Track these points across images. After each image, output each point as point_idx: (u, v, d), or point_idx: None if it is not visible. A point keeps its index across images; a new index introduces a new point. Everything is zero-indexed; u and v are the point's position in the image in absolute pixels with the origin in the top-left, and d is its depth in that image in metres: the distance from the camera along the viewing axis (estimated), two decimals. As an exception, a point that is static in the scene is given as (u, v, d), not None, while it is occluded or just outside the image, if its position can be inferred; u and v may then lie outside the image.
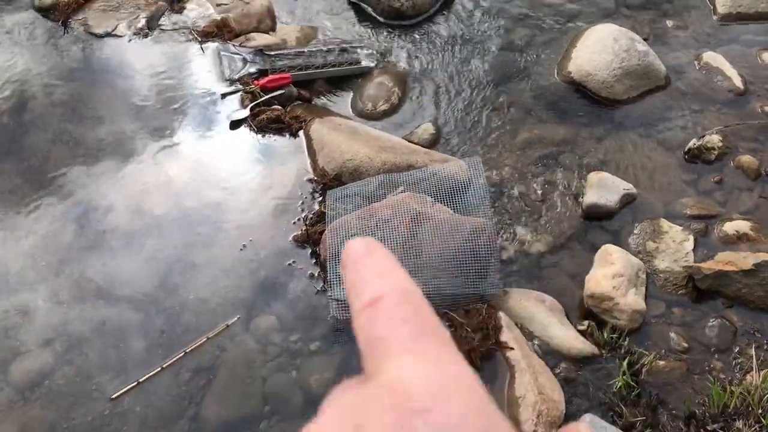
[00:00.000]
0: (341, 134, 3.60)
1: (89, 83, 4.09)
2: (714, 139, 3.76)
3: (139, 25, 4.31)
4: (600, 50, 4.13)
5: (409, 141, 3.84)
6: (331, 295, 3.05)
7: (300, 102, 4.05)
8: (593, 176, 3.61)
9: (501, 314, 2.98)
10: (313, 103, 4.09)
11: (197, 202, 3.51)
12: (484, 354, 2.85)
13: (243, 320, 3.11)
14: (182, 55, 4.22)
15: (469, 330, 2.88)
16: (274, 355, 3.06)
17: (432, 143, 3.87)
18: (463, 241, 3.04)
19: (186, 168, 3.66)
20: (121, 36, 4.30)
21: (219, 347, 3.04)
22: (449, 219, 3.12)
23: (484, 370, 2.85)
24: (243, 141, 3.78)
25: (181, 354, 2.95)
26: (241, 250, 3.31)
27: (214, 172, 3.66)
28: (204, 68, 4.15)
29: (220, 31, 4.30)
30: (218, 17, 4.38)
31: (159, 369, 2.91)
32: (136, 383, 2.87)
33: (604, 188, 3.54)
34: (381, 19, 4.64)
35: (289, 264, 3.26)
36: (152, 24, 4.35)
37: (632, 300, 3.06)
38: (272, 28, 4.53)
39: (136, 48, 4.26)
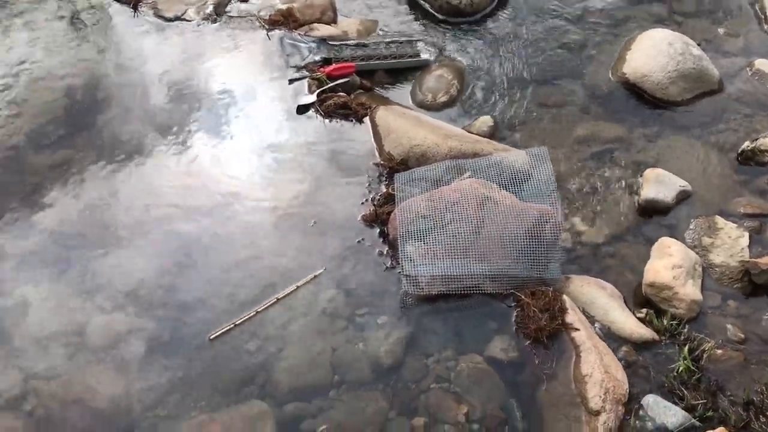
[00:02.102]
0: (407, 121, 3.73)
1: (160, 65, 4.24)
2: (767, 142, 3.85)
3: (207, 11, 4.46)
4: (655, 53, 4.23)
5: (468, 132, 3.95)
6: (401, 271, 3.16)
7: (362, 90, 4.18)
8: (650, 172, 3.71)
9: (565, 297, 3.08)
10: (374, 92, 4.21)
11: (264, 182, 3.64)
12: (550, 333, 2.95)
13: (312, 292, 3.22)
14: (249, 42, 4.38)
15: (536, 310, 2.98)
16: (342, 328, 3.16)
17: (490, 135, 3.98)
18: (529, 226, 3.15)
19: (255, 150, 3.80)
20: (189, 20, 4.46)
21: (289, 316, 3.14)
22: (516, 205, 3.23)
23: (550, 349, 2.95)
24: (310, 124, 3.91)
25: (273, 300, 3.15)
26: (312, 226, 3.43)
27: (282, 154, 3.79)
28: (270, 55, 4.30)
29: (285, 20, 4.46)
30: (283, 7, 4.52)
31: (253, 313, 3.10)
32: (232, 325, 3.06)
33: (660, 184, 3.64)
34: (439, 16, 4.77)
35: (358, 241, 3.38)
36: (219, 10, 4.50)
37: (690, 290, 3.16)
38: (334, 20, 4.67)
39: (205, 33, 4.41)
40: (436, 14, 4.78)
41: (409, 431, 2.85)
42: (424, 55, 4.40)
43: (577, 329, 2.96)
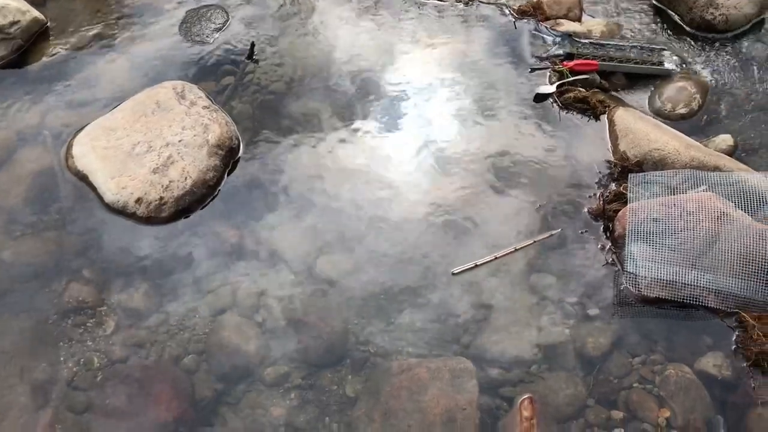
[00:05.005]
0: (647, 125, 3.75)
1: (402, 41, 4.53)
2: None
3: (460, -6, 4.69)
4: None
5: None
6: (622, 269, 3.21)
7: (598, 90, 4.21)
8: None
9: (793, 328, 2.98)
10: (610, 92, 4.24)
11: (495, 159, 3.82)
12: (773, 360, 2.88)
13: (528, 271, 3.35)
14: (496, 27, 4.57)
15: (761, 334, 2.91)
16: (550, 311, 3.26)
17: (728, 155, 3.87)
18: (766, 249, 3.06)
19: (488, 127, 3.99)
20: (443, 1, 4.72)
21: (501, 286, 3.29)
22: (753, 226, 3.15)
23: (772, 375, 2.89)
24: (545, 113, 4.04)
25: (512, 250, 3.41)
26: (537, 208, 3.56)
27: (512, 137, 3.94)
28: (515, 42, 4.46)
29: (533, 12, 4.58)
30: (534, -1, 4.66)
31: (493, 258, 3.38)
32: (473, 265, 3.35)
33: None
34: (687, 28, 4.67)
35: (581, 232, 3.47)
36: (470, -5, 4.73)
37: None
38: (579, 18, 4.73)
39: (456, 13, 4.65)
40: (685, 27, 4.69)
41: (605, 421, 2.91)
42: (668, 65, 4.35)
43: (803, 362, 2.85)
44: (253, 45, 4.39)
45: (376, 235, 3.51)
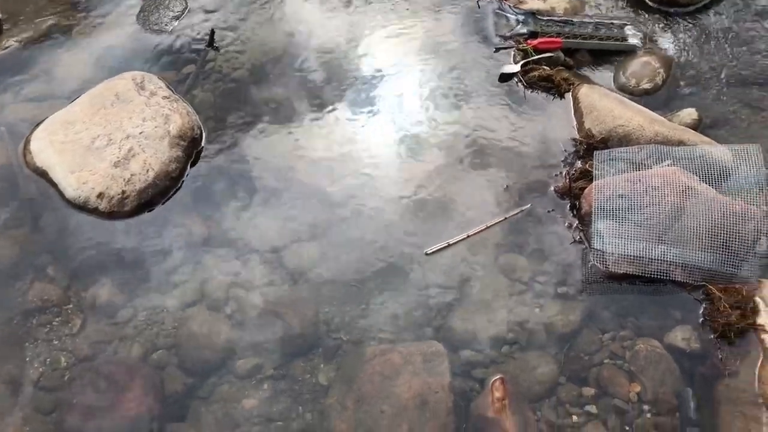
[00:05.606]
0: (612, 101, 3.75)
1: (367, 23, 4.49)
2: None
3: (422, -26, 4.64)
4: None
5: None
6: (590, 247, 3.22)
7: (563, 67, 4.20)
8: None
9: (758, 299, 3.01)
10: (575, 70, 4.24)
11: (463, 141, 3.79)
12: (739, 331, 2.91)
13: (497, 252, 3.35)
14: (460, 7, 4.55)
15: (727, 305, 2.94)
16: (520, 291, 3.27)
17: (692, 129, 3.89)
18: (730, 222, 3.09)
19: (456, 108, 3.96)
20: (404, -18, 4.68)
21: (471, 269, 3.29)
22: (718, 199, 3.18)
23: (736, 346, 2.91)
24: (510, 92, 4.03)
25: (483, 227, 3.41)
26: (504, 189, 3.55)
27: (478, 117, 3.92)
28: (479, 22, 4.44)
29: (496, -10, 4.56)
30: (496, -23, 4.61)
31: (465, 236, 3.38)
32: (446, 244, 3.35)
33: None
34: (650, 3, 4.67)
35: (548, 211, 3.47)
36: (434, -25, 4.68)
37: None
38: (542, -5, 4.70)
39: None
40: (647, 1, 4.69)
41: (577, 398, 2.93)
42: (632, 40, 4.35)
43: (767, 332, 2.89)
44: (213, 32, 4.31)
45: (345, 220, 3.49)
